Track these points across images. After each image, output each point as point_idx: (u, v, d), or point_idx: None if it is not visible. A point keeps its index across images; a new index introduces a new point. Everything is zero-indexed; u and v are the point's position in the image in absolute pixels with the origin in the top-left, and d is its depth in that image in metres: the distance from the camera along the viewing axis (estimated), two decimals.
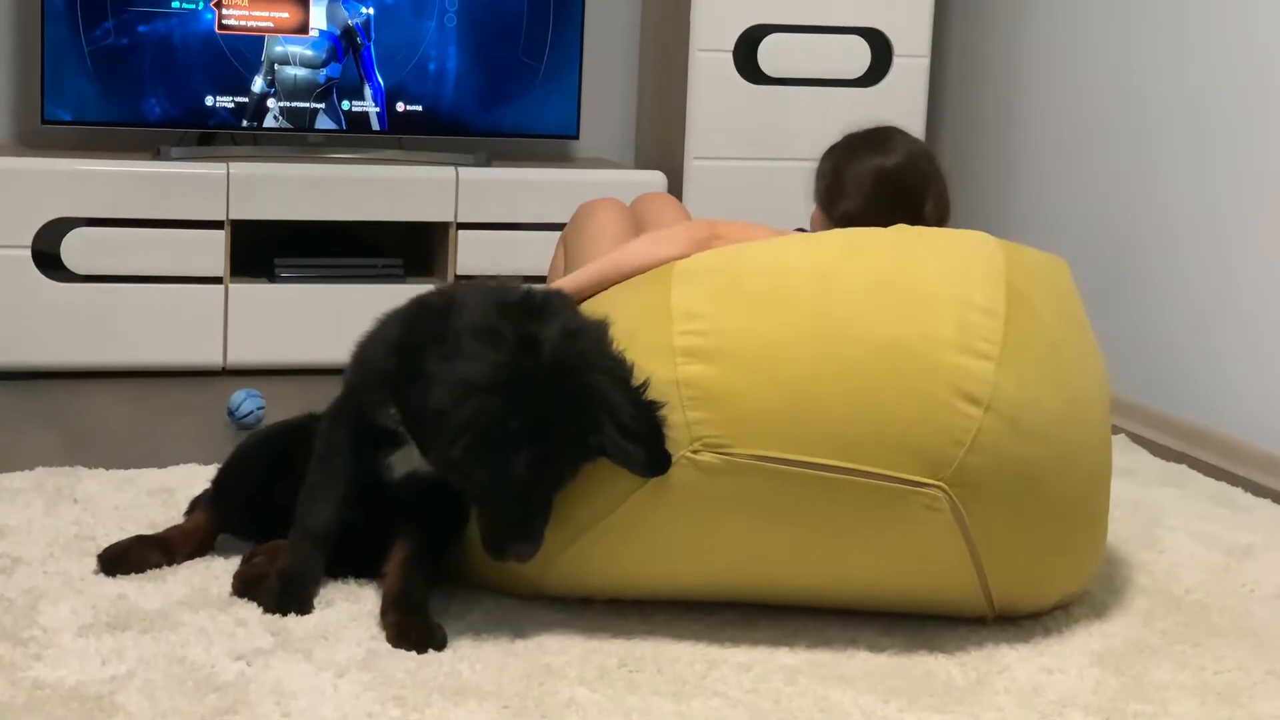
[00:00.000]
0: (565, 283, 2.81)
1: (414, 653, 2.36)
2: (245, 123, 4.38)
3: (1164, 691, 2.38)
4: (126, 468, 3.23)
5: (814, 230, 2.95)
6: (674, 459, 2.43)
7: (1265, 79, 3.77)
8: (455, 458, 2.34)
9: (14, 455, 3.31)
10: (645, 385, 2.43)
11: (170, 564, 2.64)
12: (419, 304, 2.58)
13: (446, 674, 2.30)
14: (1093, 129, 4.37)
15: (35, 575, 2.59)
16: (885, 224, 2.72)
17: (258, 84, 4.37)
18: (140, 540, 2.67)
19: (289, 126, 4.41)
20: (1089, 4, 4.39)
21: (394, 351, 2.51)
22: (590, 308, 2.60)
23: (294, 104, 4.40)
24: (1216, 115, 3.92)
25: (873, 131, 2.95)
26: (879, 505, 2.45)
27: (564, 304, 2.52)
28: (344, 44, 4.41)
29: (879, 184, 2.86)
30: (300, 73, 4.38)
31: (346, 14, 4.40)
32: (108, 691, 2.18)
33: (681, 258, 2.70)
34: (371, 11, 4.42)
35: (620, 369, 2.43)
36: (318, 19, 4.38)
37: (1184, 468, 3.71)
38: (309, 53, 4.39)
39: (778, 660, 2.42)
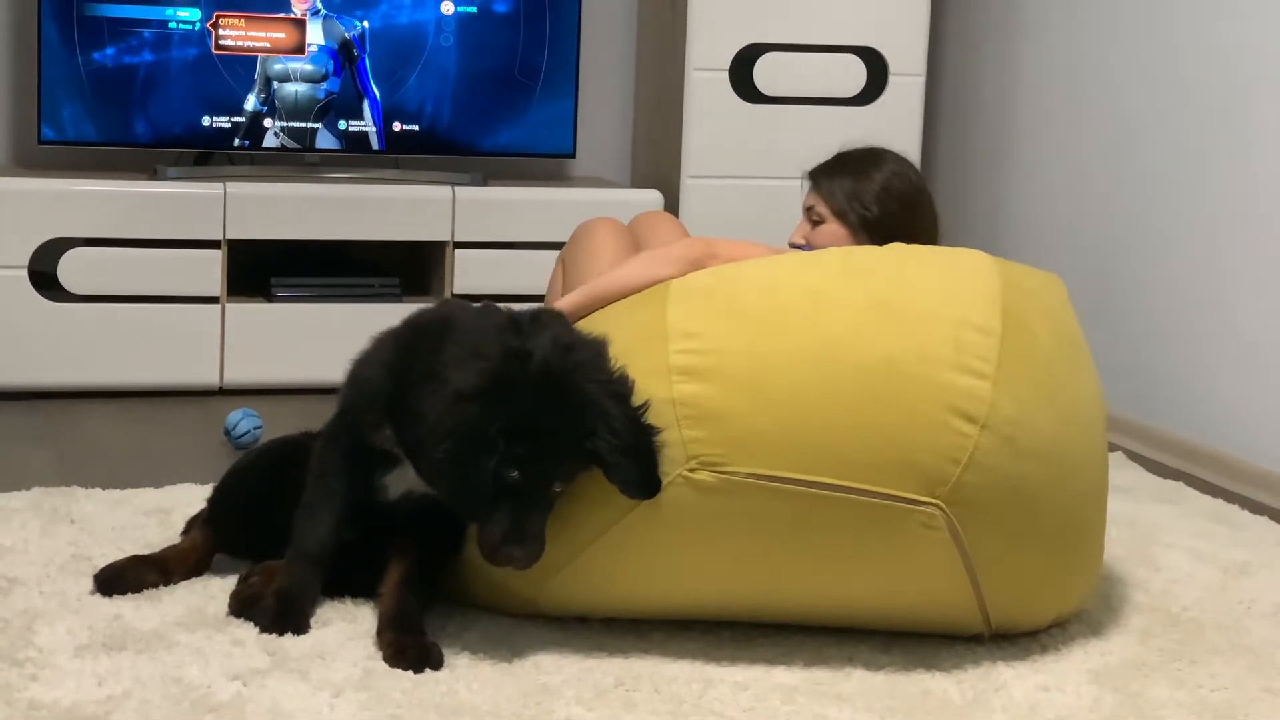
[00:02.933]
0: (562, 303, 2.82)
1: (411, 672, 2.35)
2: (243, 142, 4.39)
3: (1161, 709, 2.38)
4: (123, 488, 3.22)
5: (807, 245, 2.97)
6: (670, 478, 2.43)
7: (1254, 96, 3.77)
8: (437, 459, 2.34)
9: (10, 475, 3.30)
10: (645, 407, 2.43)
11: (166, 584, 2.64)
12: (413, 324, 2.58)
13: (443, 693, 2.29)
14: (1087, 147, 4.38)
15: (31, 595, 2.58)
16: (882, 242, 2.73)
17: (254, 103, 4.37)
18: (136, 560, 2.67)
19: (292, 145, 4.41)
20: (1082, 23, 4.40)
21: (388, 372, 2.50)
22: (586, 327, 2.59)
23: (294, 123, 4.40)
24: (1207, 134, 3.92)
25: (867, 153, 2.96)
26: (875, 524, 2.44)
27: (558, 321, 2.52)
28: (341, 58, 4.42)
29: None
30: (301, 89, 4.39)
31: (343, 28, 4.41)
32: (104, 712, 2.17)
33: (677, 277, 2.70)
34: (367, 24, 4.43)
35: (620, 385, 2.43)
36: (314, 36, 4.39)
37: (1180, 485, 3.71)
38: (309, 67, 4.39)
39: (775, 679, 2.42)
